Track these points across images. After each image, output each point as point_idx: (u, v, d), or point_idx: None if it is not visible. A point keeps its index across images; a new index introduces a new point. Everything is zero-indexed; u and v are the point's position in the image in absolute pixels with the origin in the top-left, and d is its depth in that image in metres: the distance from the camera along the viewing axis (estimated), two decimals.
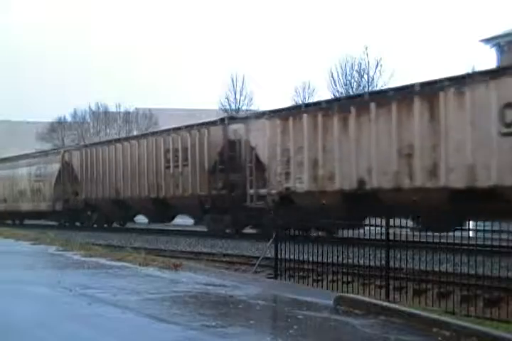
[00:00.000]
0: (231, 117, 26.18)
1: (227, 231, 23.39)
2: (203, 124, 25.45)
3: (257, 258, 14.08)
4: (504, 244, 10.46)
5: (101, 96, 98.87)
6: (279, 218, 12.74)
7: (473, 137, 14.88)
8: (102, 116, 66.74)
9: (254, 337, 6.42)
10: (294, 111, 20.63)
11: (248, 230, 24.42)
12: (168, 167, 26.36)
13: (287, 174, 19.85)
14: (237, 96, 54.79)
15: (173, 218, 29.80)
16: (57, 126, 67.11)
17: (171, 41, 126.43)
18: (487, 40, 30.96)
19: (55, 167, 35.14)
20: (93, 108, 66.95)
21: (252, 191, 21.38)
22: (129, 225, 32.55)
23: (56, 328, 6.70)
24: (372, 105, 17.27)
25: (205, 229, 25.30)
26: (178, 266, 11.87)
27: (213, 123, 24.75)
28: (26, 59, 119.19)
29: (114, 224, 32.61)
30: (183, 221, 31.75)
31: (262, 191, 20.93)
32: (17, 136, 72.18)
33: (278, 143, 20.19)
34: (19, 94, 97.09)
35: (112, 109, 66.82)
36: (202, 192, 24.10)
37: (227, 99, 54.87)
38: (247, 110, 48.91)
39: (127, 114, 66.88)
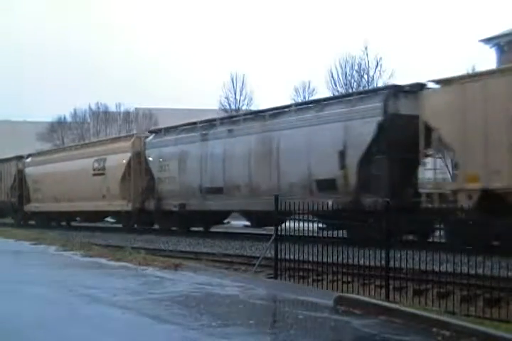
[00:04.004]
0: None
1: None
2: None
3: (257, 258, 14.06)
4: None
5: (101, 96, 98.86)
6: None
7: None
8: (102, 116, 66.77)
9: (254, 337, 6.42)
10: None
11: (248, 230, 24.43)
12: None
13: None
14: (237, 96, 54.88)
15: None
16: (57, 126, 67.15)
17: (171, 41, 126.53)
18: (487, 40, 30.92)
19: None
20: (93, 108, 67.03)
21: None
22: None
23: (56, 328, 6.69)
24: None
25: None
26: (178, 266, 11.87)
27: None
28: (26, 59, 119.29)
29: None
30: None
31: None
32: (17, 136, 72.16)
33: None
34: (19, 94, 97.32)
35: (112, 109, 66.89)
36: None
37: (227, 99, 54.95)
38: (246, 110, 48.94)
39: (127, 114, 66.91)
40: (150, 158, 27.21)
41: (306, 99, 48.54)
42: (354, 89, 43.46)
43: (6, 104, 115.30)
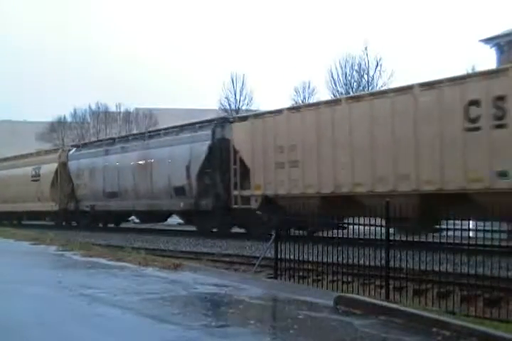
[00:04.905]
0: None
1: None
2: None
3: (257, 258, 14.08)
4: (504, 243, 10.46)
5: (101, 96, 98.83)
6: None
7: None
8: (102, 116, 66.78)
9: (254, 337, 6.42)
10: None
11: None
12: None
13: None
14: (237, 97, 54.87)
15: None
16: (57, 126, 67.16)
17: (171, 41, 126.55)
18: (487, 40, 30.91)
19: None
20: (93, 108, 67.04)
21: None
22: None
23: (56, 328, 6.70)
24: None
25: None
26: (178, 266, 11.87)
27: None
28: (26, 59, 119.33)
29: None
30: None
31: None
32: (17, 136, 72.21)
33: None
34: (19, 94, 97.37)
35: (112, 109, 66.91)
36: None
37: (227, 99, 54.96)
38: (246, 110, 48.96)
39: (127, 114, 66.94)
40: (71, 168, 34.49)
41: (306, 99, 48.65)
42: (354, 90, 43.57)
43: (6, 104, 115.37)
